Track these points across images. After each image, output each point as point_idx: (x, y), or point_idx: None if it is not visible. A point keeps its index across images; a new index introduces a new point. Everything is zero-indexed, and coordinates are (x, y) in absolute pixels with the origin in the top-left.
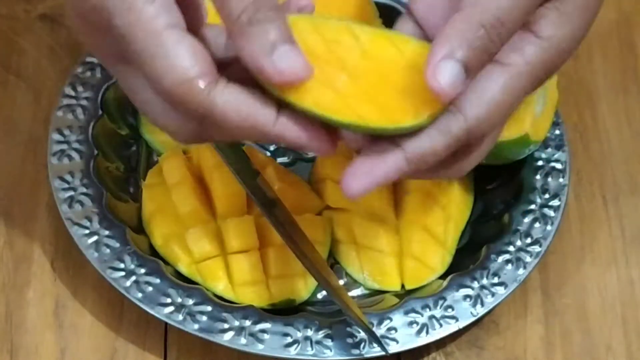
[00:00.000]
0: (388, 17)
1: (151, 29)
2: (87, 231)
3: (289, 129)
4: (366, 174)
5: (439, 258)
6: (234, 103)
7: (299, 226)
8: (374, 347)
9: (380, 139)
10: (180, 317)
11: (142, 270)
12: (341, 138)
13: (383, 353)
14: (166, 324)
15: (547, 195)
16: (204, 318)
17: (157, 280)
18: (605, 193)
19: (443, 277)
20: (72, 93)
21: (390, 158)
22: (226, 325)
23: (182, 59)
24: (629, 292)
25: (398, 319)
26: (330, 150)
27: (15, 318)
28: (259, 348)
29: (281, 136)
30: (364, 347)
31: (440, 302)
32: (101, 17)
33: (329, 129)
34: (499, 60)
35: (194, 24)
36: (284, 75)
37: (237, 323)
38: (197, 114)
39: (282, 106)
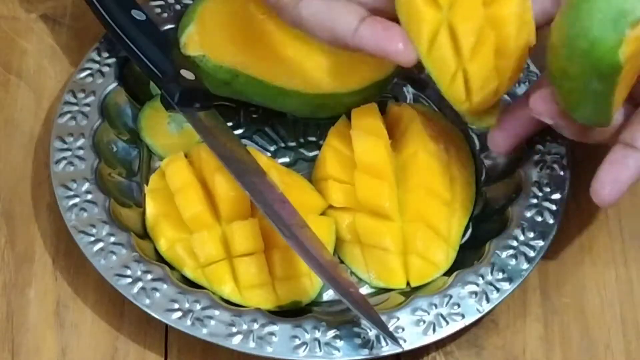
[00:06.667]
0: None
1: None
2: (92, 239)
3: (366, 40)
4: (613, 181)
5: (443, 254)
6: (317, 17)
7: (307, 224)
8: (382, 347)
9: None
10: (189, 322)
11: (149, 277)
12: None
13: (391, 352)
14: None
15: (548, 189)
16: (212, 322)
17: (164, 286)
18: None
19: (447, 273)
20: (72, 100)
21: (630, 162)
22: (234, 329)
23: None
24: (627, 292)
25: (405, 317)
26: (410, 53)
27: (16, 318)
28: (268, 351)
29: (359, 46)
30: (372, 347)
31: (447, 299)
32: None
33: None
34: None
35: None
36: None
37: (245, 327)
38: (289, 24)
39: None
